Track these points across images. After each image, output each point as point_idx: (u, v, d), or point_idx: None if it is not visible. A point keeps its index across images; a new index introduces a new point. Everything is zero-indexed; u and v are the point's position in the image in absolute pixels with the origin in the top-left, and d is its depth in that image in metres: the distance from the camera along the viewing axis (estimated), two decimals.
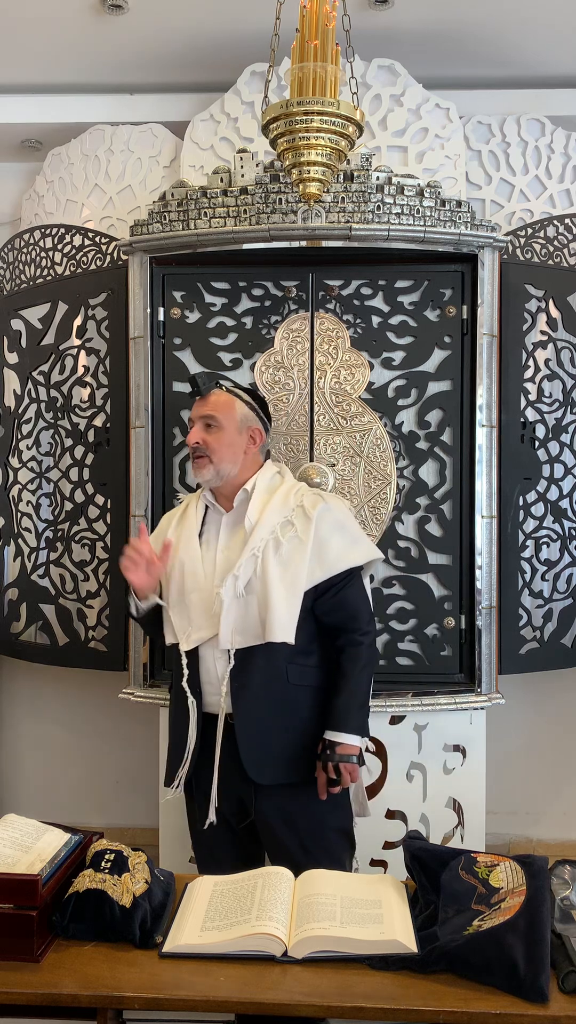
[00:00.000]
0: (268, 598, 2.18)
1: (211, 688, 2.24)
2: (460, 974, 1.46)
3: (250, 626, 2.20)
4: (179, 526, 2.37)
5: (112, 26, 3.02)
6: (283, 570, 2.20)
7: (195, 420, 2.32)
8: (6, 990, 1.43)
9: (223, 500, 2.34)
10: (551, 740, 3.63)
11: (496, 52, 3.17)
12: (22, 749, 3.80)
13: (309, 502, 2.29)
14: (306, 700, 2.26)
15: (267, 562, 2.20)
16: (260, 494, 2.29)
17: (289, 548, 2.22)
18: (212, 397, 2.33)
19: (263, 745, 2.20)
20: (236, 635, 2.20)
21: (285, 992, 1.42)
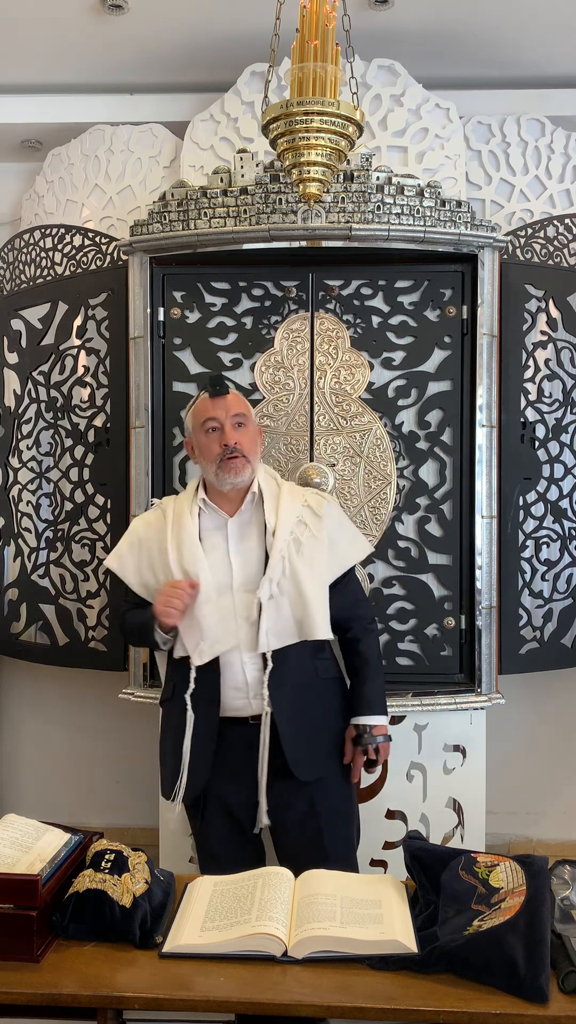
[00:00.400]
0: (304, 597, 2.20)
1: (237, 693, 2.21)
2: (460, 974, 1.46)
3: (284, 627, 2.20)
4: (174, 535, 2.26)
5: (112, 26, 3.02)
6: (309, 569, 2.23)
7: (223, 420, 2.23)
8: (6, 990, 1.43)
9: (225, 504, 2.28)
10: (551, 740, 3.63)
11: (496, 52, 3.17)
12: (22, 749, 3.80)
13: (314, 501, 2.33)
14: (331, 692, 2.32)
15: (294, 562, 2.21)
16: (269, 495, 2.29)
17: (308, 547, 2.24)
18: (232, 396, 2.29)
19: (304, 741, 2.22)
20: (271, 637, 2.19)
21: (285, 992, 1.42)
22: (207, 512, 2.29)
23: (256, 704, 2.20)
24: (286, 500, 2.28)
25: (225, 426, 2.23)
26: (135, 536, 2.37)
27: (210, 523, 2.28)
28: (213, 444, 2.24)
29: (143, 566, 2.32)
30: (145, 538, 2.34)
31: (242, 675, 2.20)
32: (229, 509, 2.28)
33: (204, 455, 2.27)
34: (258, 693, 2.19)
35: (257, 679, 2.20)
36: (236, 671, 2.20)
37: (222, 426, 2.24)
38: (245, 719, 2.21)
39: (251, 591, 2.21)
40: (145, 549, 2.32)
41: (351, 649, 2.35)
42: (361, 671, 2.33)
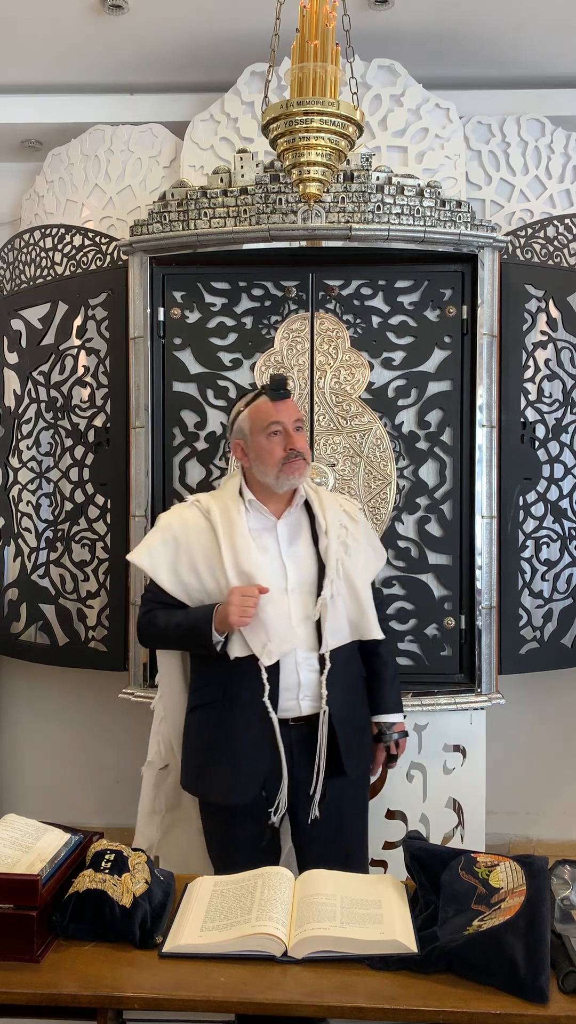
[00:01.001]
0: (358, 597, 2.26)
1: (288, 694, 2.20)
2: (460, 974, 1.46)
3: (340, 627, 2.23)
4: (226, 535, 2.22)
5: (112, 26, 3.02)
6: (357, 570, 2.28)
7: (286, 424, 2.22)
8: (6, 990, 1.43)
9: (271, 505, 2.27)
10: (551, 740, 3.62)
11: (496, 52, 3.17)
12: (22, 749, 3.80)
13: (348, 506, 2.40)
14: (363, 692, 2.36)
15: (346, 563, 2.26)
16: (314, 498, 2.32)
17: (353, 549, 2.30)
18: (291, 399, 2.29)
19: (350, 739, 2.25)
20: (330, 637, 2.21)
21: (285, 992, 1.42)
22: (253, 513, 2.27)
23: (305, 705, 2.21)
24: (328, 503, 2.33)
25: (289, 430, 2.23)
26: (169, 533, 2.28)
27: (257, 524, 2.27)
28: (276, 448, 2.21)
29: (181, 565, 2.25)
30: (183, 535, 2.26)
31: (295, 675, 2.20)
32: (275, 511, 2.28)
33: (264, 458, 2.22)
34: (308, 694, 2.20)
35: (310, 680, 2.21)
36: (290, 671, 2.20)
37: (286, 430, 2.23)
38: (285, 721, 2.21)
39: (305, 592, 2.23)
40: (184, 547, 2.26)
41: (372, 651, 2.37)
42: (382, 673, 2.37)
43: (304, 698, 2.20)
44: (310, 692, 2.20)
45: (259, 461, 2.23)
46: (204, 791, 2.28)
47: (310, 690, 2.20)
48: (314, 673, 2.21)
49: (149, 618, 2.29)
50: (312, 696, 2.20)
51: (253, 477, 2.27)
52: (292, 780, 2.21)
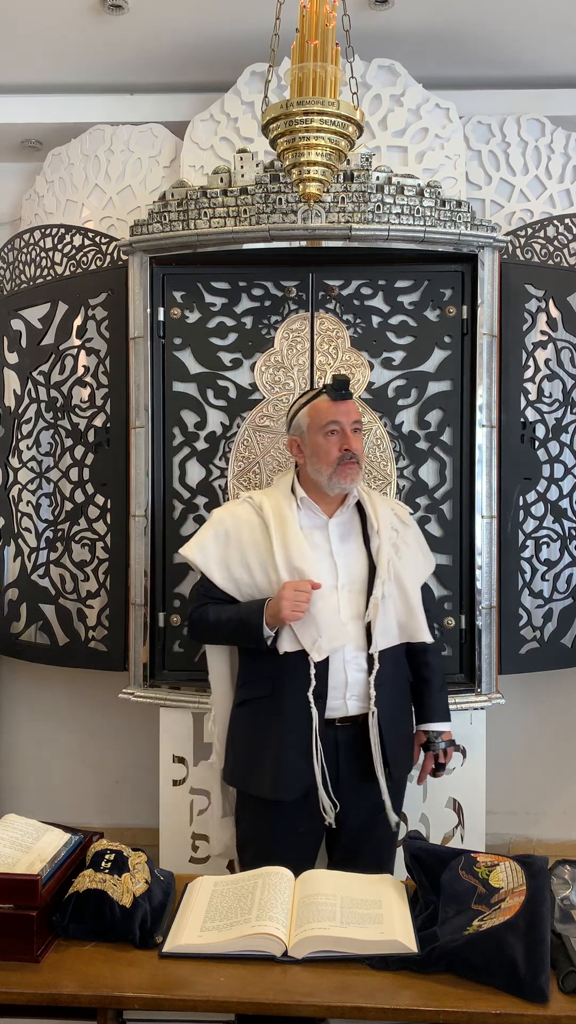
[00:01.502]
0: (408, 599, 2.26)
1: (335, 693, 2.20)
2: (460, 974, 1.46)
3: (389, 628, 2.24)
4: (278, 531, 2.22)
5: (112, 26, 3.02)
6: (407, 572, 2.28)
7: (344, 424, 2.23)
8: (6, 990, 1.43)
9: (325, 504, 2.28)
10: (551, 740, 3.62)
11: (496, 52, 3.17)
12: (22, 749, 3.80)
13: (399, 509, 2.41)
14: (408, 696, 2.37)
15: (396, 565, 2.26)
16: (366, 499, 2.33)
17: (403, 551, 2.30)
18: (351, 401, 2.29)
19: (395, 741, 2.26)
20: (380, 637, 2.22)
21: (285, 992, 1.42)
22: (304, 511, 2.28)
23: (353, 705, 2.21)
24: (379, 505, 2.33)
25: (347, 430, 2.23)
26: (221, 528, 2.30)
27: (308, 522, 2.28)
28: (332, 447, 2.23)
29: (232, 560, 2.26)
30: (235, 531, 2.28)
31: (343, 674, 2.20)
32: (327, 510, 2.29)
33: (319, 456, 2.23)
34: (355, 693, 2.21)
35: (357, 679, 2.21)
36: (338, 670, 2.20)
37: (343, 430, 2.23)
38: (332, 721, 2.21)
39: (355, 591, 2.23)
40: (235, 542, 2.27)
41: (420, 659, 2.37)
42: (431, 680, 2.38)
43: (351, 698, 2.21)
44: (357, 692, 2.21)
45: (314, 459, 2.25)
46: (249, 784, 2.26)
47: (357, 689, 2.21)
48: (362, 673, 2.21)
49: (201, 613, 2.29)
50: (359, 696, 2.21)
51: (306, 475, 2.29)
52: (337, 782, 2.21)
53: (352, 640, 2.20)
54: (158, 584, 2.89)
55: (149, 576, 2.87)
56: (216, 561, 2.27)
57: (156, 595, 2.89)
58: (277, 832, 2.21)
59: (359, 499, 2.32)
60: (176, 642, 2.90)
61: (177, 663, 2.90)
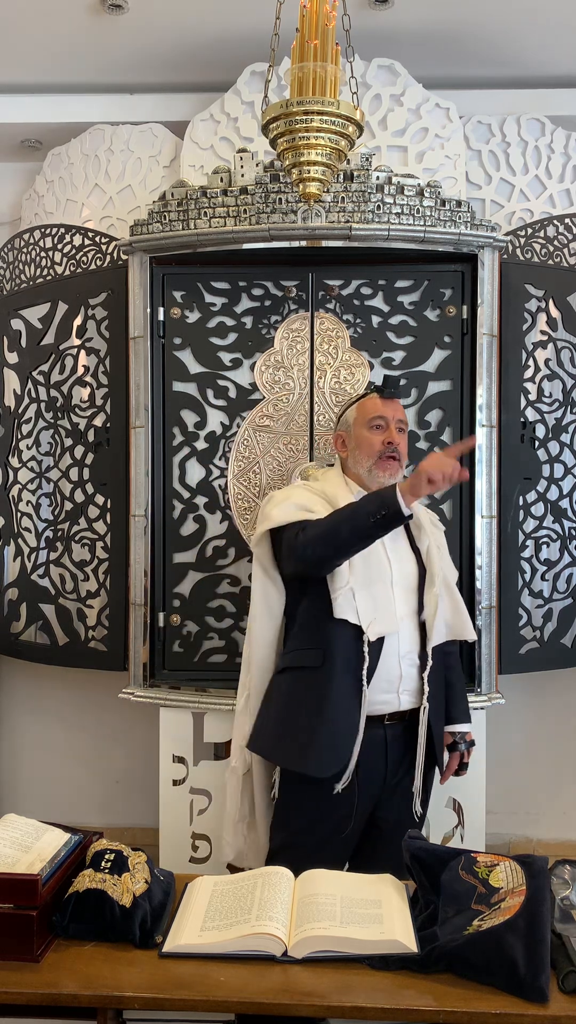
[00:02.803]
0: (454, 598, 2.32)
1: (387, 686, 2.21)
2: (460, 974, 1.46)
3: (439, 626, 2.27)
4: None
5: (112, 26, 3.01)
6: (449, 572, 2.36)
7: (389, 420, 2.32)
8: (6, 990, 1.43)
9: None
10: (551, 740, 3.62)
11: (496, 52, 3.17)
12: (22, 749, 3.80)
13: (430, 513, 2.48)
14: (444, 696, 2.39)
15: (441, 564, 2.32)
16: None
17: (443, 553, 2.38)
18: (399, 402, 2.37)
19: (440, 737, 2.31)
20: (434, 634, 2.25)
21: (285, 992, 1.42)
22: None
23: (405, 699, 2.24)
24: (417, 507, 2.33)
25: (391, 427, 2.32)
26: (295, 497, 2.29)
27: None
28: (376, 440, 2.31)
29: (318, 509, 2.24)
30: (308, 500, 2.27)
31: (398, 669, 2.23)
32: None
33: (362, 447, 2.32)
34: (408, 688, 2.24)
35: (409, 674, 2.24)
36: (392, 665, 2.22)
37: (388, 426, 2.32)
38: (380, 717, 2.22)
39: (406, 588, 2.27)
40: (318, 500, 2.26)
41: (445, 661, 2.38)
42: (456, 683, 2.43)
43: (404, 692, 2.24)
44: (410, 687, 2.24)
45: (357, 450, 2.34)
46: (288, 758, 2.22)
47: (410, 684, 2.24)
48: (414, 668, 2.25)
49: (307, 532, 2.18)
50: (411, 691, 2.24)
51: (349, 470, 2.37)
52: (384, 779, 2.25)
53: (406, 636, 2.24)
54: (158, 584, 2.89)
55: (149, 576, 2.87)
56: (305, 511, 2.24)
57: (156, 595, 2.89)
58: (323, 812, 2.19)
59: None
60: (176, 642, 2.90)
61: (177, 663, 2.90)
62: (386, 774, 2.25)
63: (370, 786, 2.23)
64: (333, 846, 2.22)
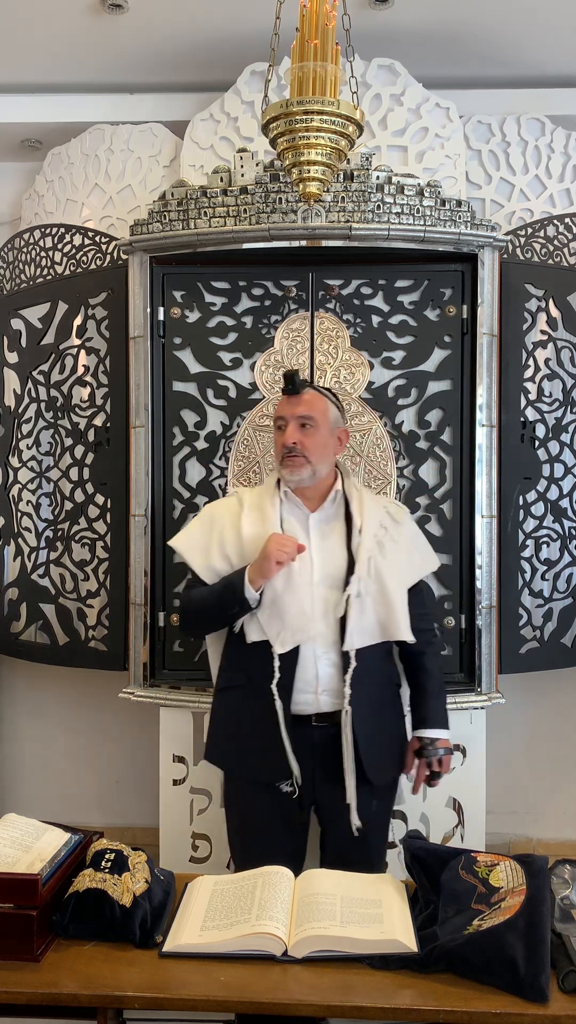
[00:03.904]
0: (389, 598, 2.23)
1: (306, 687, 2.21)
2: (460, 974, 1.46)
3: (367, 626, 2.22)
4: (255, 522, 2.27)
5: (112, 26, 3.01)
6: (392, 571, 2.26)
7: (288, 419, 2.26)
8: (6, 990, 1.43)
9: (305, 500, 2.30)
10: (551, 740, 3.62)
11: (496, 52, 3.17)
12: (22, 749, 3.80)
13: (393, 508, 2.39)
14: (394, 698, 2.36)
15: (379, 563, 2.24)
16: (354, 496, 2.33)
17: (391, 550, 2.28)
18: (307, 396, 2.29)
19: (375, 744, 2.24)
20: (355, 636, 2.21)
21: (285, 992, 1.42)
22: (288, 505, 2.31)
23: (324, 701, 2.21)
24: (368, 503, 2.33)
25: (289, 425, 2.26)
26: (207, 518, 2.37)
27: (290, 516, 2.30)
28: (278, 441, 2.30)
29: (213, 549, 2.30)
30: (218, 521, 2.33)
31: (314, 669, 2.20)
32: (310, 505, 2.30)
33: (274, 451, 2.34)
34: (327, 689, 2.20)
35: (329, 675, 2.21)
36: (308, 665, 2.20)
37: (287, 425, 2.27)
38: (308, 718, 2.21)
39: (331, 587, 2.23)
40: (217, 531, 2.30)
41: (416, 662, 2.37)
42: (426, 685, 2.37)
43: (323, 693, 2.20)
44: (329, 687, 2.20)
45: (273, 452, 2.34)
46: (225, 764, 2.31)
47: (329, 685, 2.20)
48: (334, 669, 2.21)
49: (187, 595, 2.33)
50: (332, 692, 2.20)
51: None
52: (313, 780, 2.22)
53: (322, 636, 2.20)
54: (158, 584, 2.89)
55: (149, 576, 2.87)
56: (199, 550, 2.32)
57: (156, 595, 2.89)
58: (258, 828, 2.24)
59: (348, 497, 2.32)
60: (176, 642, 2.90)
61: (177, 663, 2.90)
62: (315, 774, 2.22)
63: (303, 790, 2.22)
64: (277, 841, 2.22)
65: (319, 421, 2.28)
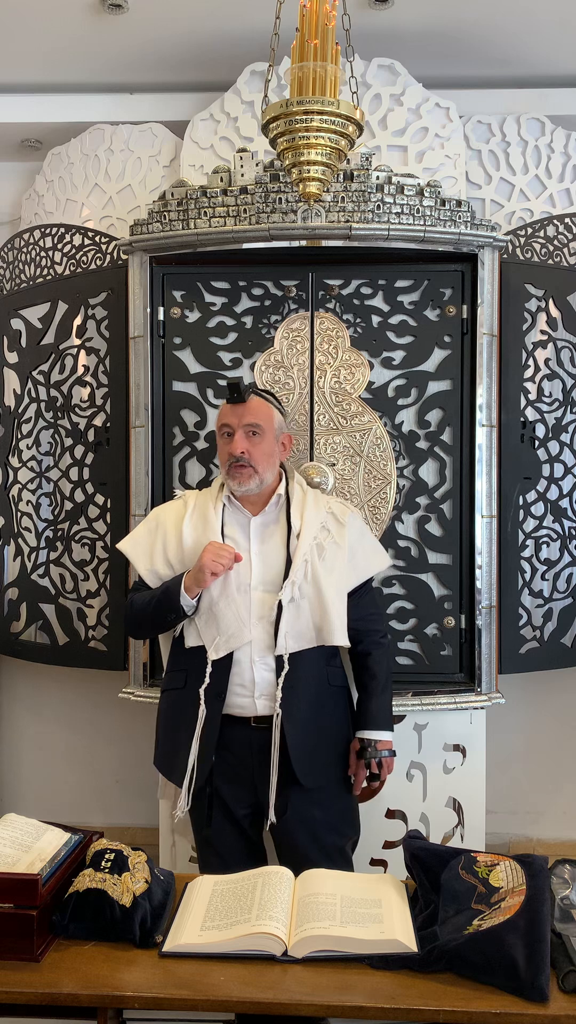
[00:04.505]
0: (324, 602, 2.22)
1: (243, 691, 2.21)
2: (460, 973, 1.46)
3: (302, 631, 2.22)
4: (196, 527, 2.27)
5: (112, 26, 3.01)
6: (330, 575, 2.24)
7: (235, 427, 2.24)
8: (6, 990, 1.43)
9: (248, 504, 2.30)
10: (551, 740, 3.63)
11: (496, 51, 3.17)
12: (22, 749, 3.80)
13: (338, 509, 2.36)
14: (337, 701, 2.33)
15: (316, 567, 2.23)
16: (296, 499, 2.32)
17: (331, 553, 2.26)
18: (252, 403, 2.27)
19: (309, 747, 2.22)
20: (289, 640, 2.20)
21: (285, 992, 1.42)
22: (231, 509, 2.30)
23: (261, 704, 2.20)
24: (311, 506, 2.31)
25: (236, 434, 2.25)
26: (153, 522, 2.38)
27: (233, 520, 2.30)
28: (224, 449, 2.28)
29: (156, 552, 2.31)
30: (162, 525, 2.34)
31: (250, 673, 2.20)
32: (253, 509, 2.30)
33: (219, 458, 2.32)
34: (264, 693, 2.20)
35: (265, 679, 2.20)
36: (244, 669, 2.20)
37: (234, 432, 2.25)
38: (247, 720, 2.22)
39: (269, 591, 2.22)
40: (161, 535, 2.31)
41: (361, 663, 2.36)
42: (369, 686, 2.35)
43: (260, 697, 2.20)
44: (266, 691, 2.20)
45: (219, 460, 2.34)
46: (167, 771, 2.32)
47: (266, 689, 2.20)
48: (270, 673, 2.21)
49: (131, 598, 2.35)
50: (268, 696, 2.20)
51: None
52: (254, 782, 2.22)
53: (259, 641, 2.20)
54: None
55: None
56: (144, 554, 2.33)
57: None
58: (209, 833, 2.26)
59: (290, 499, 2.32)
60: None
61: None
62: (255, 776, 2.21)
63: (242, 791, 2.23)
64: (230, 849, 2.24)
65: (265, 429, 2.27)
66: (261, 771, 2.20)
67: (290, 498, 2.32)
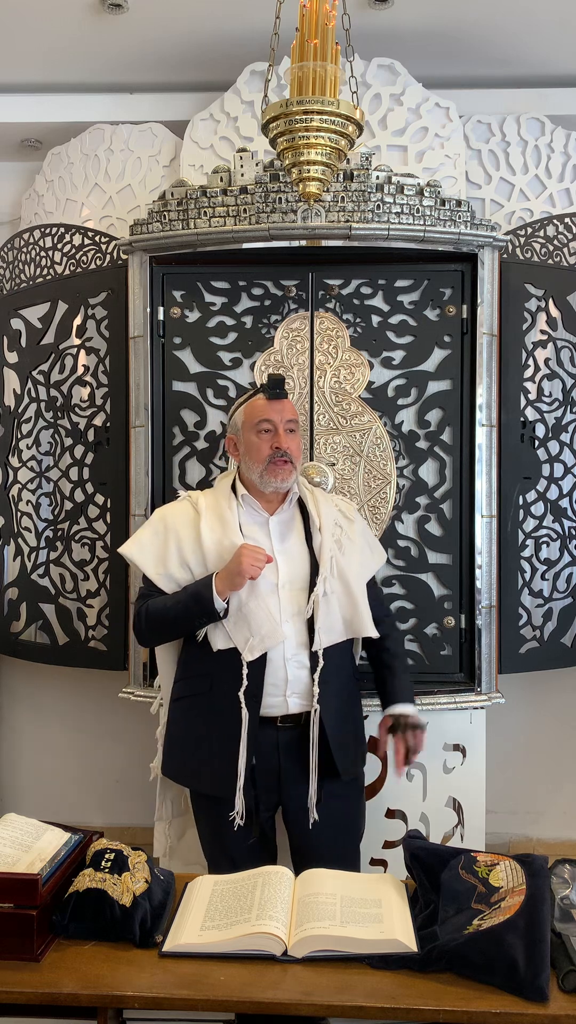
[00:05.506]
0: (353, 595, 2.25)
1: (275, 690, 2.19)
2: (460, 973, 1.46)
3: (333, 624, 2.23)
4: (215, 528, 2.24)
5: (112, 26, 3.01)
6: (350, 568, 2.27)
7: (278, 424, 2.24)
8: (6, 990, 1.43)
9: (264, 503, 2.29)
10: (551, 740, 3.63)
11: (496, 51, 3.17)
12: (22, 749, 3.80)
13: (343, 505, 2.41)
14: (357, 693, 2.36)
15: (340, 561, 2.25)
16: (308, 496, 2.33)
17: (347, 547, 2.30)
18: (288, 400, 2.31)
19: (347, 740, 2.25)
20: (323, 635, 2.20)
21: (285, 992, 1.42)
22: (246, 509, 2.29)
23: (293, 703, 2.20)
24: (322, 502, 2.33)
25: (280, 429, 2.25)
26: (160, 525, 2.32)
27: (249, 520, 2.28)
28: (264, 445, 2.24)
29: (170, 555, 2.26)
30: (172, 528, 2.29)
31: (283, 672, 2.19)
32: (268, 508, 2.30)
33: (251, 454, 2.25)
34: (296, 691, 2.20)
35: (298, 677, 2.20)
36: (278, 668, 2.19)
37: (276, 429, 2.24)
38: (274, 720, 2.21)
39: (296, 589, 2.23)
40: (173, 539, 2.27)
41: (380, 646, 2.38)
42: (392, 665, 2.38)
43: (292, 695, 2.20)
44: (299, 689, 2.20)
45: (248, 457, 2.27)
46: (189, 780, 2.30)
47: (299, 687, 2.20)
48: (303, 670, 2.20)
49: (144, 605, 2.28)
50: (301, 694, 2.20)
51: (244, 475, 2.31)
52: (280, 782, 2.22)
53: (291, 639, 2.19)
54: None
55: None
56: (153, 558, 2.28)
57: None
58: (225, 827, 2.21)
59: (301, 497, 2.33)
60: None
61: None
62: (280, 776, 2.21)
63: (267, 792, 2.22)
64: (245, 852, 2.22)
65: (298, 425, 2.33)
66: (289, 770, 2.21)
67: (303, 496, 2.33)
